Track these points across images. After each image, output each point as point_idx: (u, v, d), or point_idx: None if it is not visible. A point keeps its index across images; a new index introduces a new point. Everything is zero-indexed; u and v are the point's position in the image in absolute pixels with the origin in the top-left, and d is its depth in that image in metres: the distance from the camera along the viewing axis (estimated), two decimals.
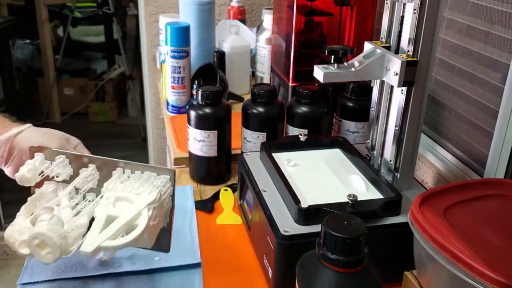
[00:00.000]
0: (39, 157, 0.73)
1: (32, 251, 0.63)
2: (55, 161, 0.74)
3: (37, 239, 0.61)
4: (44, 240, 0.61)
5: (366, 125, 1.01)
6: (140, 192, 0.70)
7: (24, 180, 0.70)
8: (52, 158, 0.74)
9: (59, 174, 0.73)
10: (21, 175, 0.70)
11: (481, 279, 0.53)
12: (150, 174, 0.72)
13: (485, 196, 0.67)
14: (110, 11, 3.39)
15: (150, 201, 0.67)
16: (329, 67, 0.76)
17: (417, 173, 1.04)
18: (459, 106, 0.97)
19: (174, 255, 0.81)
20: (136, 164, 0.73)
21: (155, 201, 0.68)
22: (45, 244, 0.62)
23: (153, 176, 0.72)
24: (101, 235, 0.64)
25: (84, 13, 4.18)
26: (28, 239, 0.62)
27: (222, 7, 1.90)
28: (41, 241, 0.61)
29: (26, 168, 0.71)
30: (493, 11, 0.86)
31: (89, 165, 0.74)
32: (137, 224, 0.66)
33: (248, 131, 1.02)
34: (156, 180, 0.72)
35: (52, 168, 0.73)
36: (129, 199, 0.69)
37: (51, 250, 0.62)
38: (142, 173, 0.72)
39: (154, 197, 0.68)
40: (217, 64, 1.44)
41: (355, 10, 1.16)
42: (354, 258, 0.53)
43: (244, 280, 0.78)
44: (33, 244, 0.62)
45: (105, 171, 0.74)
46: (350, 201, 0.71)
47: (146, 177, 0.72)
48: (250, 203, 0.85)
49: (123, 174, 0.73)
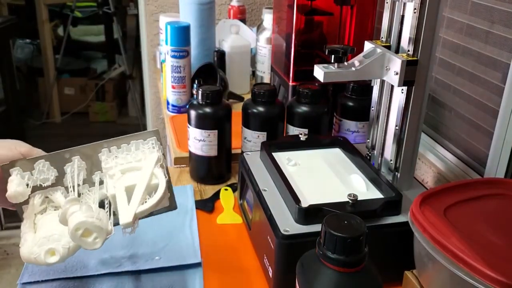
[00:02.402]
0: (16, 171, 0.68)
1: (78, 242, 0.62)
2: (34, 170, 0.70)
3: (80, 229, 0.61)
4: (87, 227, 0.61)
5: (366, 125, 1.01)
6: (139, 159, 0.69)
7: (18, 195, 0.67)
8: (28, 168, 0.70)
9: (44, 180, 0.70)
10: (14, 191, 0.66)
11: (482, 279, 0.53)
12: (137, 142, 0.71)
13: (486, 195, 0.67)
14: (110, 10, 3.39)
15: (155, 160, 0.68)
16: (329, 66, 0.76)
17: (417, 172, 1.04)
18: (459, 105, 0.97)
19: (174, 255, 0.81)
20: (118, 138, 0.72)
21: (160, 159, 0.69)
22: (89, 231, 0.61)
23: (140, 143, 0.72)
24: (132, 204, 0.64)
25: (84, 12, 4.19)
26: (71, 232, 0.61)
27: (222, 6, 1.90)
28: (85, 230, 0.61)
29: (15, 184, 0.67)
30: (494, 11, 0.86)
31: (72, 158, 0.71)
32: (156, 185, 0.66)
33: (248, 131, 1.02)
34: (145, 145, 0.72)
35: (35, 177, 0.69)
36: (135, 167, 0.68)
37: (97, 234, 0.62)
38: (129, 144, 0.71)
39: (158, 155, 0.69)
40: (217, 63, 1.44)
41: (355, 10, 1.16)
42: (354, 257, 0.53)
43: (244, 279, 0.78)
44: (78, 235, 0.61)
45: (91, 158, 0.72)
46: (350, 201, 0.71)
47: (134, 146, 0.71)
48: (250, 203, 0.85)
49: (110, 153, 0.71)
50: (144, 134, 0.72)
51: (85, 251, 0.82)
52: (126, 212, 0.63)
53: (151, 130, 0.73)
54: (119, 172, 0.68)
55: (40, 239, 0.64)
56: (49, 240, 0.64)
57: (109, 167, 0.69)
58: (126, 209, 0.63)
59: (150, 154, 0.70)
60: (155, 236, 0.86)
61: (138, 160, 0.70)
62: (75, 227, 0.61)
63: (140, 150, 0.71)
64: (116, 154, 0.71)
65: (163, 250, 0.83)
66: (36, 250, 0.64)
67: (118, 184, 0.66)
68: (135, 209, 0.63)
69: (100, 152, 0.72)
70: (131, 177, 0.68)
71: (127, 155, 0.71)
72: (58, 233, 0.65)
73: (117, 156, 0.71)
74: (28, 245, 0.64)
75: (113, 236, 0.86)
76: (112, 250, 0.82)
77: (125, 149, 0.72)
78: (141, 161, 0.69)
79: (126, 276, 0.77)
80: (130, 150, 0.71)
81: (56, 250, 0.64)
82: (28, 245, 0.64)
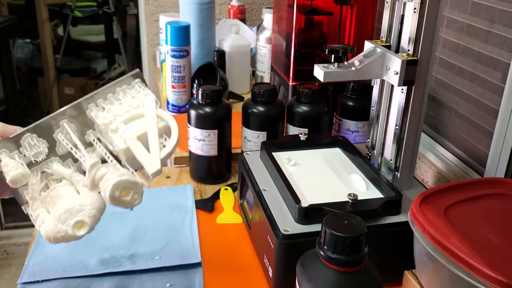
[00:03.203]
0: (3, 153, 0.63)
1: (117, 204, 0.60)
2: (22, 147, 0.64)
3: (118, 189, 0.59)
4: (124, 186, 0.60)
5: (366, 124, 1.01)
6: (137, 105, 0.67)
7: (20, 177, 0.62)
8: (14, 147, 0.64)
9: (37, 155, 0.65)
10: (15, 175, 0.61)
11: (482, 278, 0.53)
12: (122, 89, 0.69)
13: (486, 195, 0.67)
14: (110, 10, 3.39)
15: (153, 102, 0.66)
16: (329, 66, 0.76)
17: (417, 172, 1.04)
18: (459, 105, 0.97)
19: (174, 255, 0.81)
20: (101, 89, 0.68)
21: (157, 100, 0.67)
22: (126, 189, 0.60)
23: (126, 89, 0.69)
24: (153, 151, 0.62)
25: (84, 12, 4.18)
26: (110, 195, 0.59)
27: (222, 6, 1.90)
28: (122, 189, 0.60)
29: (13, 167, 0.62)
30: (494, 10, 0.86)
31: (60, 123, 0.66)
32: (164, 126, 0.65)
33: (249, 131, 1.02)
34: (132, 89, 0.69)
35: (27, 154, 0.64)
36: (137, 115, 0.66)
37: (135, 190, 0.61)
38: (114, 93, 0.68)
39: (153, 97, 0.67)
40: (217, 63, 1.44)
41: (355, 9, 1.16)
42: (354, 257, 0.53)
43: (244, 279, 0.78)
44: (116, 197, 0.60)
45: (79, 118, 0.67)
46: (350, 200, 0.71)
47: (121, 94, 0.68)
48: (250, 203, 0.85)
49: (99, 107, 0.68)
50: (127, 79, 0.69)
51: (85, 251, 0.82)
52: (151, 160, 0.61)
53: (132, 72, 0.70)
54: (122, 124, 0.65)
55: (61, 215, 0.61)
56: (72, 214, 0.61)
57: (108, 121, 0.65)
58: (150, 158, 0.61)
59: (145, 97, 0.67)
60: (155, 236, 0.86)
61: (136, 107, 0.66)
62: (113, 189, 0.59)
63: (129, 96, 0.68)
64: (105, 107, 0.67)
65: (163, 250, 0.83)
66: (62, 227, 0.60)
67: (127, 136, 0.63)
68: (159, 155, 0.62)
69: (88, 109, 0.67)
70: (137, 125, 0.65)
71: (120, 104, 0.67)
72: (77, 204, 0.62)
73: (109, 109, 0.67)
74: (49, 225, 0.61)
75: (113, 236, 0.86)
76: (112, 250, 0.82)
77: (113, 99, 0.68)
78: (140, 107, 0.66)
79: (126, 276, 0.77)
80: (119, 98, 0.68)
81: (83, 222, 0.61)
82: (49, 225, 0.61)
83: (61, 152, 0.67)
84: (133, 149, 0.63)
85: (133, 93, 0.69)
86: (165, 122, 0.66)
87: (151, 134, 0.63)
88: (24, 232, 2.35)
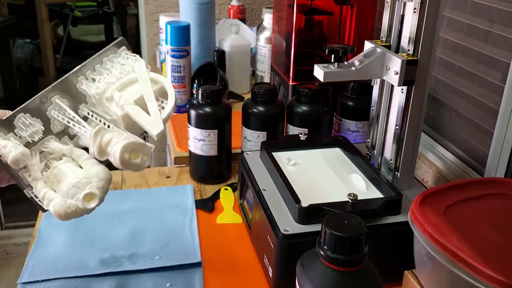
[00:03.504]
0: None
1: (128, 168, 0.60)
2: (16, 128, 0.63)
3: (127, 152, 0.59)
4: (133, 148, 0.59)
5: (366, 124, 1.01)
6: (127, 71, 0.67)
7: (21, 157, 0.60)
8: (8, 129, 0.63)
9: (33, 134, 0.64)
10: (16, 155, 0.59)
11: (482, 278, 0.53)
12: (109, 58, 0.69)
13: (486, 195, 0.67)
14: (110, 10, 3.39)
15: (144, 66, 0.66)
16: (329, 66, 0.76)
17: (417, 172, 1.04)
18: (459, 105, 0.97)
19: (174, 255, 0.81)
20: (88, 61, 0.68)
21: (146, 65, 0.67)
22: (135, 152, 0.60)
23: (113, 58, 0.69)
24: (153, 113, 0.62)
25: (84, 12, 4.18)
26: (120, 159, 0.59)
27: (222, 6, 1.90)
28: (132, 151, 0.60)
29: (12, 148, 0.60)
30: (493, 10, 0.86)
31: (51, 100, 0.65)
32: (159, 88, 0.65)
33: (249, 130, 1.02)
34: (119, 57, 0.69)
35: (22, 135, 0.63)
36: (130, 81, 0.66)
37: (143, 151, 0.61)
38: (102, 63, 0.68)
39: (143, 62, 0.67)
40: (217, 63, 1.44)
41: (355, 9, 1.16)
42: (354, 257, 0.53)
43: (244, 279, 0.78)
44: (126, 159, 0.59)
45: (70, 92, 0.67)
46: (350, 200, 0.71)
47: (109, 62, 0.68)
48: (250, 202, 0.85)
49: (88, 80, 0.67)
50: (112, 48, 0.69)
51: (85, 251, 0.82)
52: (153, 122, 0.61)
53: (117, 41, 0.70)
54: (116, 91, 0.64)
55: (69, 190, 0.60)
56: (80, 187, 0.60)
57: (101, 91, 0.65)
58: (151, 120, 0.61)
59: (135, 63, 0.67)
60: (155, 236, 0.86)
61: (127, 73, 0.66)
62: (122, 151, 0.59)
63: (117, 64, 0.68)
64: (95, 78, 0.67)
65: (163, 249, 0.83)
66: (72, 202, 0.60)
67: (124, 101, 0.63)
68: (159, 116, 0.61)
69: (78, 82, 0.67)
70: (132, 91, 0.64)
71: (111, 73, 0.67)
72: (83, 177, 0.61)
73: (100, 79, 0.67)
74: (58, 201, 0.60)
75: (113, 236, 0.86)
76: (112, 250, 0.82)
77: (101, 69, 0.67)
78: (131, 73, 0.66)
79: (126, 276, 0.77)
80: (107, 68, 0.68)
81: (92, 194, 0.61)
82: (58, 202, 0.60)
83: (56, 130, 0.66)
84: (132, 114, 0.62)
85: (121, 60, 0.68)
86: (160, 84, 0.66)
87: (148, 97, 0.63)
88: (24, 232, 2.35)
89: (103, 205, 0.89)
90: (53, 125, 0.66)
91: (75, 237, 0.85)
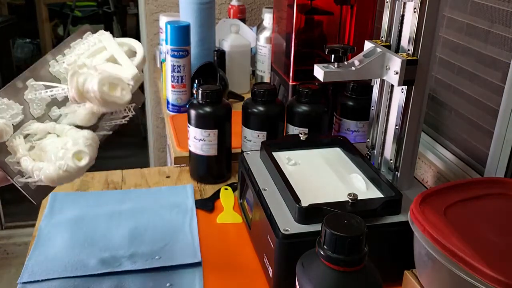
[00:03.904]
0: None
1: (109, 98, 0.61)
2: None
3: (105, 84, 0.60)
4: (109, 81, 0.60)
5: (366, 124, 1.01)
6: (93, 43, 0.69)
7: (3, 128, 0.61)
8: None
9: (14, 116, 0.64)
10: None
11: (482, 278, 0.53)
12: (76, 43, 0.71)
13: (486, 195, 0.67)
14: (110, 10, 3.39)
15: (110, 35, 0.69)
16: (329, 66, 0.76)
17: (417, 172, 1.04)
18: (459, 105, 0.97)
19: (174, 254, 0.81)
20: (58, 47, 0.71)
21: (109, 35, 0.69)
22: (113, 85, 0.61)
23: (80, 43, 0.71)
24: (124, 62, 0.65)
25: (84, 12, 4.18)
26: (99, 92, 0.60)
27: (222, 6, 1.90)
28: (109, 85, 0.60)
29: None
30: (494, 10, 0.86)
31: (26, 84, 0.67)
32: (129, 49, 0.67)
33: (249, 130, 1.02)
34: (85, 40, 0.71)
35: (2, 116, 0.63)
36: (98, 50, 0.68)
37: (121, 85, 0.61)
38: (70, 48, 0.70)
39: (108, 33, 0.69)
40: (217, 63, 1.44)
41: (355, 9, 1.16)
42: (354, 257, 0.53)
43: (244, 279, 0.78)
44: (106, 92, 0.60)
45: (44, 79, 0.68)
46: (350, 200, 0.71)
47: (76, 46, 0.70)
48: (251, 202, 0.85)
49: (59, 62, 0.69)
50: (78, 33, 0.71)
51: (85, 251, 0.82)
52: (126, 68, 0.63)
53: (81, 28, 0.73)
54: (87, 59, 0.66)
55: (58, 153, 0.60)
56: (68, 148, 0.60)
57: (73, 61, 0.67)
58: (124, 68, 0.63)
59: (101, 36, 0.69)
60: (155, 236, 0.86)
61: (94, 44, 0.68)
62: (99, 85, 0.59)
63: (85, 44, 0.70)
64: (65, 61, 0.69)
65: (163, 249, 0.83)
66: (62, 162, 0.60)
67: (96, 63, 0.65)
68: (131, 63, 0.63)
69: (50, 66, 0.69)
70: (102, 56, 0.66)
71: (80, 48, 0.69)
72: (70, 139, 0.62)
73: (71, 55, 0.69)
74: (47, 166, 0.60)
75: (113, 236, 0.86)
76: (112, 250, 0.82)
77: (73, 45, 0.70)
78: (98, 43, 0.68)
79: (126, 276, 0.77)
80: (76, 46, 0.70)
81: (81, 151, 0.61)
82: (47, 166, 0.60)
83: (37, 114, 0.67)
84: (106, 68, 0.64)
85: (88, 41, 0.70)
86: (127, 45, 0.68)
87: (118, 54, 0.65)
88: (24, 232, 2.35)
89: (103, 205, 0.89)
90: (32, 109, 0.66)
91: (75, 237, 0.85)
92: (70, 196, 0.97)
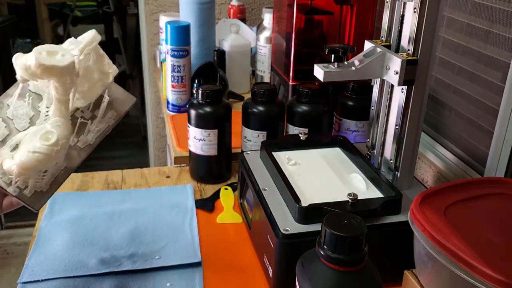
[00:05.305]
0: None
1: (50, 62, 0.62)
2: None
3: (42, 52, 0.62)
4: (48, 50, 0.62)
5: (366, 124, 1.01)
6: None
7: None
8: None
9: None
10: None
11: (482, 278, 0.53)
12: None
13: (486, 195, 0.67)
14: (110, 10, 3.39)
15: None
16: (329, 66, 0.76)
17: (417, 172, 1.04)
18: (459, 105, 0.97)
19: (174, 254, 0.81)
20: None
21: None
22: (52, 52, 0.63)
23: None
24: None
25: (84, 12, 4.18)
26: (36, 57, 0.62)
27: (222, 6, 1.90)
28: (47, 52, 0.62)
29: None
30: (494, 10, 0.86)
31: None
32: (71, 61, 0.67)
33: (249, 130, 1.02)
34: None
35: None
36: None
37: (61, 52, 0.63)
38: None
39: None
40: (217, 63, 1.44)
41: (355, 9, 1.16)
42: (354, 257, 0.53)
43: (244, 279, 0.78)
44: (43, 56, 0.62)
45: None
46: (350, 200, 0.71)
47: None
48: (251, 202, 0.85)
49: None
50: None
51: (85, 251, 0.82)
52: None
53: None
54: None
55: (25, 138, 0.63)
56: (36, 134, 0.63)
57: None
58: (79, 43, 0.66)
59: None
60: (155, 236, 0.86)
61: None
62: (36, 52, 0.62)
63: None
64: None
65: (163, 249, 0.83)
66: (31, 144, 0.62)
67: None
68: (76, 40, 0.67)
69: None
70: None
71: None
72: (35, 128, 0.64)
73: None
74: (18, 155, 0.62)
75: (113, 236, 0.86)
76: (112, 250, 0.82)
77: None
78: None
79: (126, 276, 0.77)
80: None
81: (49, 131, 0.63)
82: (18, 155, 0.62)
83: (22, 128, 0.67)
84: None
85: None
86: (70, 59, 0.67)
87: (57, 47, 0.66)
88: (24, 232, 2.35)
89: (103, 205, 0.89)
90: (16, 124, 0.67)
91: (75, 237, 0.85)
92: (70, 196, 0.97)
